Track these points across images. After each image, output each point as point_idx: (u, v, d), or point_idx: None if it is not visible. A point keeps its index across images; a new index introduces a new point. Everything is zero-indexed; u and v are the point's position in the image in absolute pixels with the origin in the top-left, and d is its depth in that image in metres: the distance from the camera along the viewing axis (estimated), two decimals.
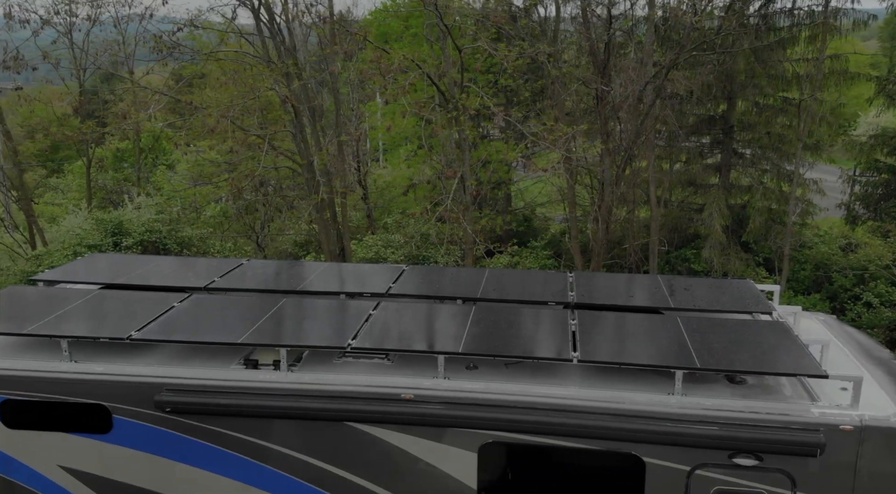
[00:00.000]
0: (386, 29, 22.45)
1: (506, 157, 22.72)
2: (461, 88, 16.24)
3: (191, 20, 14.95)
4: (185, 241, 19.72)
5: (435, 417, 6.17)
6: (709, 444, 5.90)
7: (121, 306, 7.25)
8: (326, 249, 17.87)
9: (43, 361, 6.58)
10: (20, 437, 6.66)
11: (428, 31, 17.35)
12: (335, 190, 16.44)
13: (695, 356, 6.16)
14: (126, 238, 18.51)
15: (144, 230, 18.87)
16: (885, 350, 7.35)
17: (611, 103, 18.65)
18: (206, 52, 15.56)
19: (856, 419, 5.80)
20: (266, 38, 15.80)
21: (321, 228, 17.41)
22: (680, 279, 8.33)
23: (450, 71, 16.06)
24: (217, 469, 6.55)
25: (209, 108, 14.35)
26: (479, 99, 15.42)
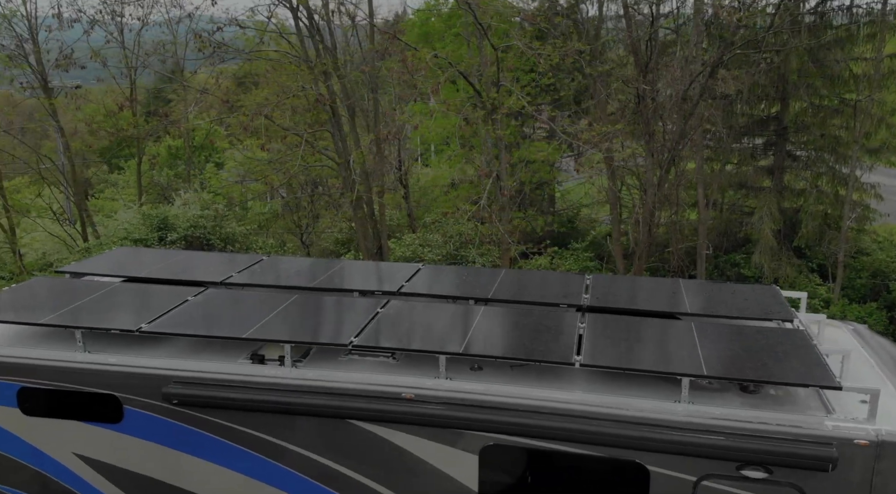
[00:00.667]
0: (429, 28, 22.48)
1: (548, 157, 22.56)
2: (497, 87, 16.13)
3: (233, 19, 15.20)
4: (229, 237, 20.09)
5: (435, 417, 6.11)
6: (715, 454, 5.70)
7: (137, 299, 7.40)
8: (363, 247, 17.98)
9: (58, 350, 6.76)
10: (37, 424, 6.85)
11: (465, 30, 17.28)
12: (372, 189, 16.50)
13: (703, 363, 5.97)
14: (171, 233, 18.96)
15: (189, 226, 19.29)
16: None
17: (653, 103, 18.28)
18: (246, 52, 15.81)
19: (871, 434, 5.53)
20: (305, 37, 15.97)
21: (358, 226, 17.52)
22: (703, 284, 8.10)
23: (486, 70, 15.97)
24: (223, 462, 6.63)
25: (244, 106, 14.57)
26: (513, 98, 15.30)
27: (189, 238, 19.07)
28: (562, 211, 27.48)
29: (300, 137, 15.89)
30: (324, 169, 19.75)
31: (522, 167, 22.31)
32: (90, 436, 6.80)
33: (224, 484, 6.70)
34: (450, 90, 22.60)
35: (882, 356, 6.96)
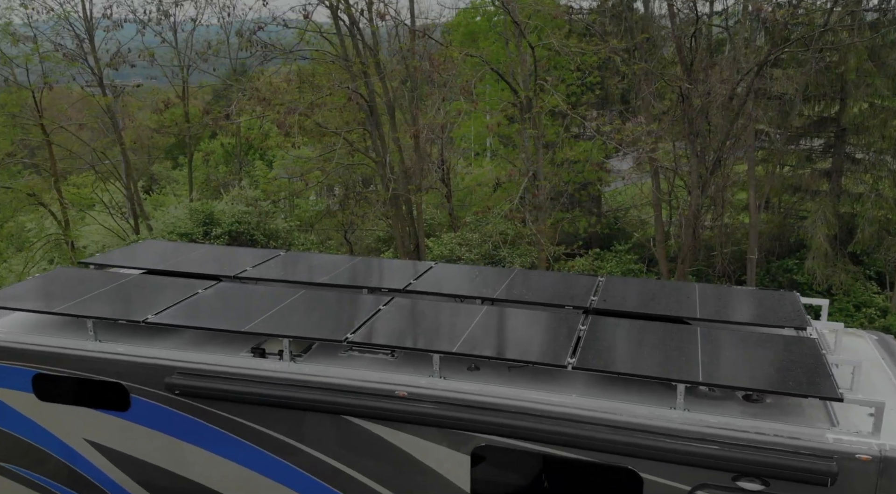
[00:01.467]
0: (474, 27, 22.43)
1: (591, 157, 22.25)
2: (534, 85, 16.01)
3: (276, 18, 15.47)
4: (272, 233, 20.45)
5: (428, 416, 6.09)
6: (710, 464, 5.53)
7: (151, 290, 7.59)
8: (400, 245, 18.06)
9: (71, 339, 6.98)
10: (50, 409, 7.10)
11: (504, 28, 17.18)
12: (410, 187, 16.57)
13: (700, 370, 5.79)
14: (216, 228, 19.41)
15: (233, 221, 19.71)
16: None
17: (699, 102, 17.84)
18: (287, 51, 16.06)
19: (875, 449, 5.27)
20: (344, 36, 16.13)
21: (395, 224, 17.61)
22: (721, 289, 7.86)
23: (522, 68, 15.85)
24: (223, 453, 6.75)
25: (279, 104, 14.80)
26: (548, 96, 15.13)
27: (233, 233, 19.48)
28: (609, 212, 27.08)
29: (338, 136, 16.05)
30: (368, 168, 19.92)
31: (567, 167, 22.08)
32: (100, 423, 7.00)
33: (224, 475, 6.82)
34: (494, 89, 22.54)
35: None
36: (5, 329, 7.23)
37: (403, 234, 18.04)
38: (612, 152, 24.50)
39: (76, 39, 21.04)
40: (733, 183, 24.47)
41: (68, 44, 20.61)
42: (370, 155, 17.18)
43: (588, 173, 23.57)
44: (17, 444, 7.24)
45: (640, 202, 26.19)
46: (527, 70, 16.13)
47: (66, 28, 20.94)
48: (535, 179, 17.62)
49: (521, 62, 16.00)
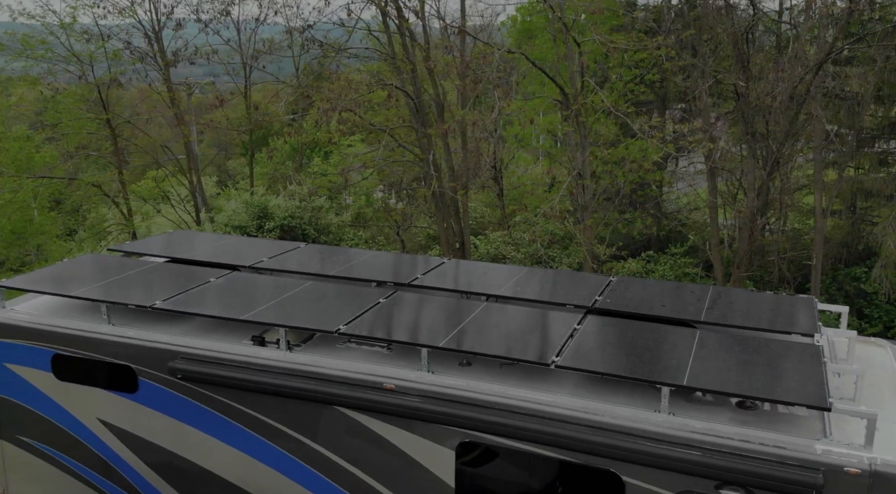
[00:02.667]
0: (529, 24, 22.29)
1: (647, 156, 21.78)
2: (581, 82, 15.79)
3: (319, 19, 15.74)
4: (323, 228, 20.84)
5: (414, 410, 6.11)
6: (692, 470, 5.36)
7: (168, 278, 7.86)
8: (445, 243, 18.11)
9: (87, 322, 7.31)
10: (67, 389, 7.44)
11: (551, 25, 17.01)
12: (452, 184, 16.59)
13: (687, 373, 5.62)
14: (269, 222, 19.92)
15: (286, 216, 20.18)
16: None
17: (755, 101, 17.23)
18: (336, 49, 16.33)
19: (865, 462, 5.01)
20: (392, 34, 16.29)
21: (439, 222, 17.67)
22: (734, 292, 7.59)
23: (570, 65, 15.65)
24: (222, 437, 6.93)
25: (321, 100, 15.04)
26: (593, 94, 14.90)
27: (285, 227, 19.95)
28: (670, 214, 26.43)
29: (383, 132, 16.23)
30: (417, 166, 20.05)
31: (623, 166, 21.71)
32: (111, 403, 7.30)
33: (223, 458, 7.00)
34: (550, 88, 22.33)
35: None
36: (31, 311, 7.62)
37: (448, 232, 18.08)
38: (671, 152, 23.98)
39: (145, 38, 21.93)
40: (801, 186, 23.55)
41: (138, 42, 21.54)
42: (410, 150, 17.28)
43: (643, 173, 23.11)
44: (36, 420, 7.62)
45: (699, 205, 25.46)
46: (574, 67, 15.93)
47: (137, 28, 21.88)
48: (579, 178, 17.38)
49: (568, 59, 15.79)
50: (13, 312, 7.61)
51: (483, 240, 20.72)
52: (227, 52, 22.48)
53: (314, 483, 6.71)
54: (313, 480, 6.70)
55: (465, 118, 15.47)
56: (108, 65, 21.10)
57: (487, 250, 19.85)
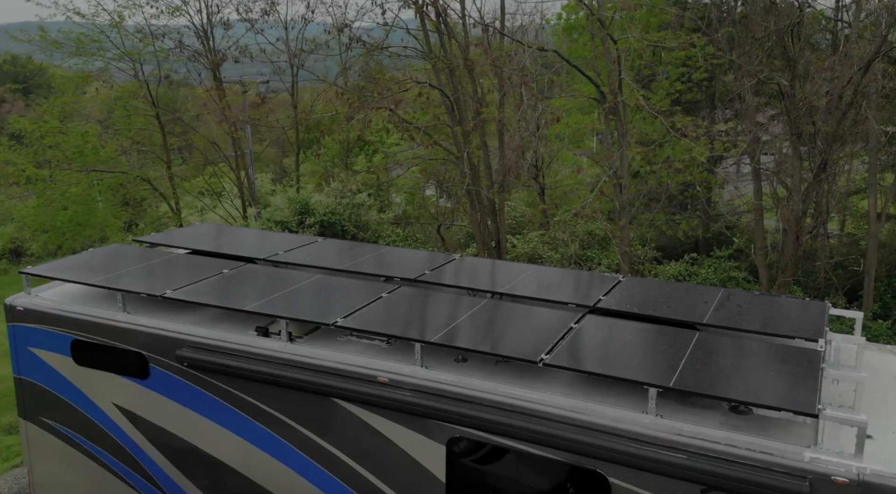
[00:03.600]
0: (574, 23, 22.09)
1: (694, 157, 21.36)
2: (617, 80, 15.59)
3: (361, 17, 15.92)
4: (363, 225, 21.07)
5: (406, 404, 6.17)
6: (676, 473, 5.28)
7: (184, 268, 8.09)
8: (479, 241, 18.10)
9: (104, 309, 7.58)
10: (85, 373, 7.73)
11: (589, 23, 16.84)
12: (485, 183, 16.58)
13: (677, 375, 5.52)
14: (309, 218, 20.24)
15: (326, 212, 20.47)
16: None
17: (802, 101, 16.71)
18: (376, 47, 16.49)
19: (853, 472, 4.85)
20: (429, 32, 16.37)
21: (473, 220, 17.68)
22: (745, 295, 7.40)
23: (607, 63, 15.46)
24: (226, 424, 7.11)
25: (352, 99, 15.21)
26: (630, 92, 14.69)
27: (325, 223, 20.24)
28: (718, 216, 25.82)
29: (418, 130, 16.32)
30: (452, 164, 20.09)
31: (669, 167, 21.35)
32: (125, 389, 7.56)
33: (227, 445, 7.18)
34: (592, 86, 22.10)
35: None
36: (54, 297, 7.94)
37: (483, 230, 18.07)
38: (720, 153, 23.44)
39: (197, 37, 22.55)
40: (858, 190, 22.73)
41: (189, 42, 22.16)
42: (450, 150, 17.33)
43: (688, 174, 22.65)
44: (57, 402, 7.94)
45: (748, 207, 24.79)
46: (610, 64, 15.75)
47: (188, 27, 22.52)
48: (616, 178, 17.15)
49: (606, 56, 15.61)
50: (38, 298, 7.94)
51: (521, 239, 20.63)
52: (275, 51, 22.94)
53: (312, 473, 6.83)
54: (311, 470, 6.82)
55: (505, 116, 15.42)
56: (158, 63, 21.80)
57: (524, 249, 19.75)
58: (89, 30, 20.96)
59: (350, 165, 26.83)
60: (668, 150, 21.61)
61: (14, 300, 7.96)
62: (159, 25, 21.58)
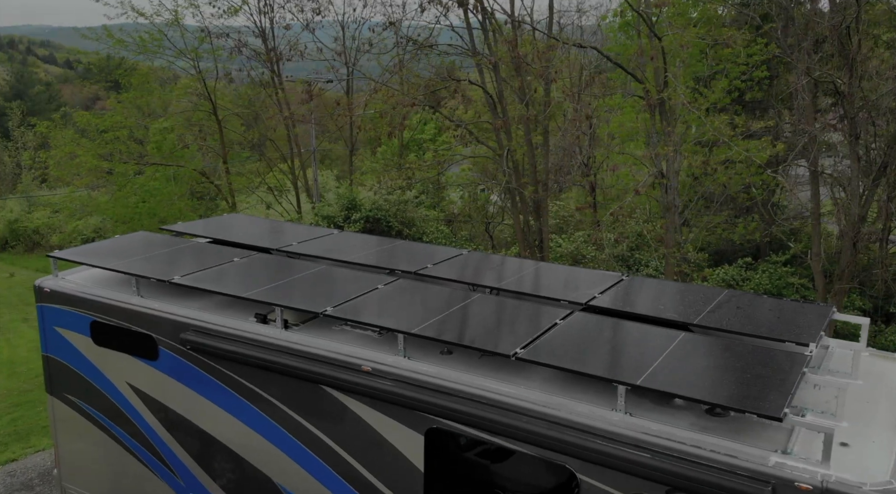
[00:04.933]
0: (631, 20, 21.71)
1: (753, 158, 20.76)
2: (663, 78, 15.29)
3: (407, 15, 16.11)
4: (409, 221, 21.28)
5: (387, 393, 6.27)
6: (642, 473, 5.21)
7: (200, 256, 8.40)
8: (521, 239, 18.05)
9: (120, 292, 7.95)
10: (103, 353, 8.13)
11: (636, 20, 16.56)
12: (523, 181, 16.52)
13: (647, 373, 5.45)
14: (355, 213, 20.58)
15: (373, 207, 20.78)
16: None
17: (861, 100, 16.02)
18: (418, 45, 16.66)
19: (817, 479, 4.70)
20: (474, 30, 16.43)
21: (514, 219, 17.63)
22: (748, 297, 7.20)
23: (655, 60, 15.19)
24: (225, 406, 7.36)
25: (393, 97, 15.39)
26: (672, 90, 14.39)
27: (370, 219, 20.54)
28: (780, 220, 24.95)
29: (460, 127, 16.40)
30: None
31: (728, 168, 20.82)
32: (137, 369, 7.91)
33: (226, 427, 7.43)
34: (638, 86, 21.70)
35: None
36: (79, 280, 8.38)
37: (525, 229, 18.01)
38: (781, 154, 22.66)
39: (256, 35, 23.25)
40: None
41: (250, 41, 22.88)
42: (488, 145, 17.34)
43: (746, 175, 21.97)
44: (78, 379, 8.37)
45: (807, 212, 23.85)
46: (657, 62, 15.47)
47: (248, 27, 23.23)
48: (663, 179, 16.83)
49: (652, 55, 15.34)
50: (63, 281, 8.39)
51: (566, 239, 20.47)
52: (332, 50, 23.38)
53: (303, 459, 7.00)
54: (302, 454, 6.99)
55: (532, 114, 15.35)
56: (216, 61, 22.58)
57: (567, 248, 19.59)
58: (149, 29, 21.91)
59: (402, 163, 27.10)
60: (724, 150, 21.06)
61: (42, 282, 8.44)
62: (219, 25, 22.39)
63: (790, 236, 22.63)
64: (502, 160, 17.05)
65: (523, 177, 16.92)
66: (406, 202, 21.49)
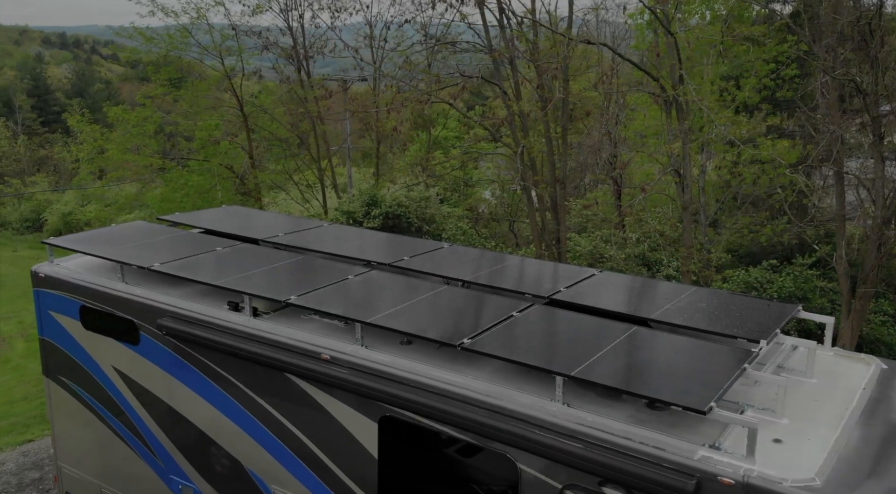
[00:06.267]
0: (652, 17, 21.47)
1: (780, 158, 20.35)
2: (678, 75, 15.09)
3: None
4: (429, 218, 21.39)
5: (343, 381, 6.39)
6: (576, 464, 5.23)
7: (187, 246, 8.63)
8: (536, 237, 18.00)
9: (107, 279, 8.24)
10: (91, 336, 8.43)
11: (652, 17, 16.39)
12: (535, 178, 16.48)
13: (585, 365, 5.46)
14: (375, 209, 20.77)
15: (393, 204, 20.94)
16: None
17: (885, 99, 15.57)
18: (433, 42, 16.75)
19: (739, 473, 4.66)
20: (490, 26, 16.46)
21: (531, 217, 17.60)
22: (714, 294, 7.15)
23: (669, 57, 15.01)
24: (198, 390, 7.57)
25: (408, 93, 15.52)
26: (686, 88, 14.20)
27: (390, 215, 20.71)
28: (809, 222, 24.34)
29: (475, 123, 16.45)
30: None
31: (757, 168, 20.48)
32: (122, 353, 8.19)
33: (200, 411, 7.64)
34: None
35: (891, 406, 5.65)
36: (72, 266, 8.70)
37: (541, 227, 17.96)
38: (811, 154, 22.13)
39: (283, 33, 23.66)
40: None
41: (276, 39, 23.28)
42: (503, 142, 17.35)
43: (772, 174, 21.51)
44: (70, 362, 8.70)
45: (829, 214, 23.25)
46: (672, 59, 15.29)
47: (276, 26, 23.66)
48: (680, 178, 16.62)
49: (658, 51, 15.18)
50: (58, 266, 8.72)
51: (585, 237, 20.33)
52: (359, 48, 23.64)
53: (268, 443, 7.17)
54: (267, 439, 7.16)
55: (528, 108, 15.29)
56: (242, 58, 23.05)
57: (586, 246, 19.44)
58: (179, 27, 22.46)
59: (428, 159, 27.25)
60: (749, 151, 20.67)
61: (38, 268, 8.79)
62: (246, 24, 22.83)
63: (817, 239, 22.07)
64: (517, 158, 17.05)
65: (536, 175, 16.88)
66: (427, 199, 21.61)
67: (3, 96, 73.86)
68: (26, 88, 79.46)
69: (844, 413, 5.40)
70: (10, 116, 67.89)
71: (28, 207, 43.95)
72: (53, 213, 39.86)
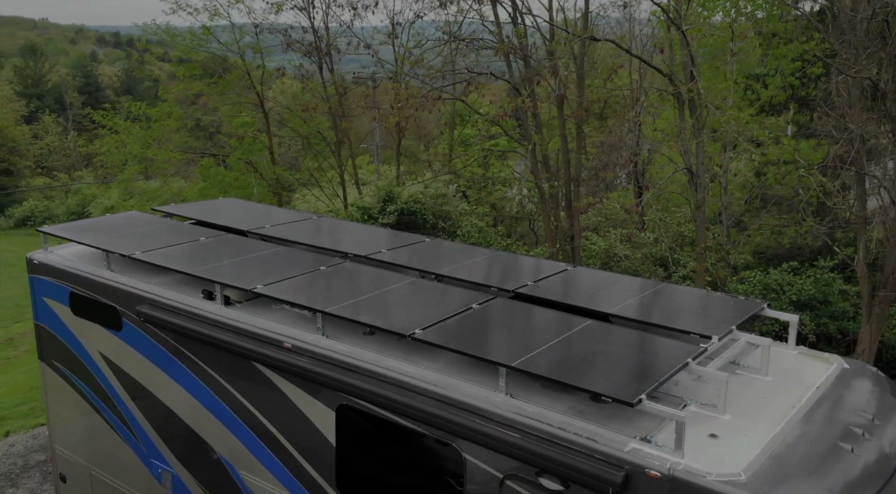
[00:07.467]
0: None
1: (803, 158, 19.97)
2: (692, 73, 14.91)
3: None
4: (444, 215, 21.47)
5: (303, 369, 6.49)
6: (514, 454, 5.26)
7: (174, 235, 8.83)
8: (549, 236, 17.94)
9: (93, 266, 8.48)
10: (79, 322, 8.68)
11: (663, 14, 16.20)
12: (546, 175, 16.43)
13: (527, 356, 5.47)
14: (391, 205, 20.93)
15: (409, 200, 21.07)
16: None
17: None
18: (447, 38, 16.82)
19: (665, 466, 4.64)
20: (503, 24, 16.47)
21: (544, 216, 17.56)
22: (680, 291, 7.09)
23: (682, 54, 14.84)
24: (174, 377, 7.75)
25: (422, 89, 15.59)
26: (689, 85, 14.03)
27: (405, 211, 20.83)
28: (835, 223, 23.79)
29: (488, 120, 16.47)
30: None
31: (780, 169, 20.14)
32: (107, 339, 8.42)
33: (176, 397, 7.82)
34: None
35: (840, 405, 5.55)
36: (64, 254, 8.97)
37: (554, 226, 17.91)
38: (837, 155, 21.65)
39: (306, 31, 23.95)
40: None
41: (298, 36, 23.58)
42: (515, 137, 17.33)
43: (795, 175, 21.09)
44: (61, 347, 8.97)
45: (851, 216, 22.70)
46: (684, 56, 15.12)
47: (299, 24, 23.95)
48: (693, 178, 16.41)
49: (662, 48, 15.02)
50: (51, 254, 9.00)
51: (602, 237, 20.21)
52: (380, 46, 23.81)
53: (238, 430, 7.31)
54: (237, 426, 7.30)
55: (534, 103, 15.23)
56: (262, 55, 23.40)
57: (603, 246, 19.33)
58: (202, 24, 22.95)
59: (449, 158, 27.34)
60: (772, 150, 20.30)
61: (33, 255, 9.08)
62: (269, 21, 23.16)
63: (845, 242, 21.56)
64: (528, 155, 17.02)
65: (548, 172, 16.83)
66: (444, 196, 21.68)
67: (55, 93, 76.24)
68: (78, 85, 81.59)
69: (790, 411, 5.33)
70: (62, 112, 69.92)
71: (74, 201, 45.23)
72: (97, 207, 40.89)
